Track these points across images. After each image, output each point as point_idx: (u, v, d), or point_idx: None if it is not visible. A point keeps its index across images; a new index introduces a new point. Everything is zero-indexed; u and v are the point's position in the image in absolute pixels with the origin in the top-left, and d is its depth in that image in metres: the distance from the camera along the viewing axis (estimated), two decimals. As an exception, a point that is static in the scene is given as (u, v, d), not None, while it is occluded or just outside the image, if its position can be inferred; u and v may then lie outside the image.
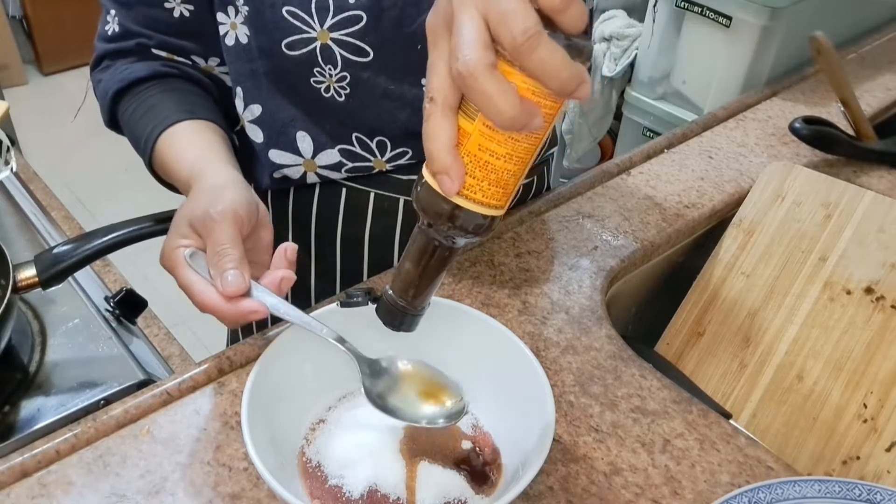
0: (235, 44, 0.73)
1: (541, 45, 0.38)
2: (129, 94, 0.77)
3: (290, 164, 0.78)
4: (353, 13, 0.68)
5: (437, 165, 0.43)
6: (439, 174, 0.43)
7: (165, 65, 0.77)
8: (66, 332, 0.78)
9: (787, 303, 0.78)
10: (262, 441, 0.54)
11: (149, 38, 0.76)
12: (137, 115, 0.75)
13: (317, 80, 0.73)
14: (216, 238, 0.59)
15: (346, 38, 0.70)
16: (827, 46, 0.94)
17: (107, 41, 0.78)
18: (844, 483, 0.56)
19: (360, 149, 0.77)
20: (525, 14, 0.38)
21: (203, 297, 0.58)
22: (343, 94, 0.73)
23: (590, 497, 0.59)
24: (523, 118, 0.40)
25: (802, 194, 0.84)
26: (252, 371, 0.57)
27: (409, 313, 0.53)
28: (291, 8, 0.69)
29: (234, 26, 0.73)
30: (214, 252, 0.59)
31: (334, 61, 0.71)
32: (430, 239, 0.48)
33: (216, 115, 0.76)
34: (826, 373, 0.74)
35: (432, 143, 0.42)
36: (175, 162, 0.70)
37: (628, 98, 1.53)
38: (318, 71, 0.72)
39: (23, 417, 0.70)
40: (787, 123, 0.99)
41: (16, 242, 0.91)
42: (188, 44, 0.77)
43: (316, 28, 0.69)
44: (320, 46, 0.70)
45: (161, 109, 0.73)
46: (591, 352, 0.71)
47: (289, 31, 0.69)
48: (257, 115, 0.77)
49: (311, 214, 0.83)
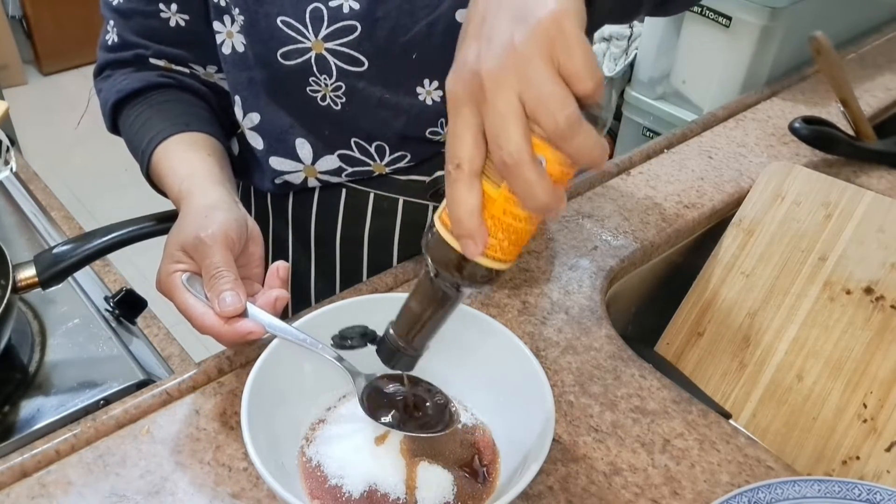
0: (232, 52, 0.74)
1: (581, 130, 0.39)
2: (127, 105, 0.78)
3: (291, 171, 0.79)
4: (347, 23, 0.69)
5: (462, 230, 0.43)
6: (464, 238, 0.44)
7: (162, 75, 0.78)
8: (65, 332, 0.78)
9: (786, 303, 0.78)
10: (262, 441, 0.54)
11: (146, 49, 0.76)
12: (135, 127, 0.76)
13: (312, 90, 0.73)
14: (210, 262, 0.61)
15: (340, 48, 0.70)
16: (827, 46, 0.94)
17: (107, 51, 0.79)
18: (844, 483, 0.56)
19: (360, 153, 0.77)
20: (566, 99, 0.39)
21: (202, 320, 0.60)
22: (339, 103, 0.73)
23: (590, 497, 0.59)
24: (554, 204, 0.41)
25: (802, 194, 0.84)
26: (252, 371, 0.57)
27: (408, 354, 0.54)
28: (286, 18, 0.69)
29: (230, 35, 0.73)
30: (210, 275, 0.61)
31: (329, 71, 0.71)
32: (438, 287, 0.49)
33: (212, 125, 0.77)
34: (826, 373, 0.74)
35: (459, 208, 0.43)
36: (166, 178, 0.71)
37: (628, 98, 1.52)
38: (314, 80, 0.72)
39: (22, 417, 0.70)
40: (787, 123, 0.99)
41: (16, 242, 0.90)
42: (185, 53, 0.77)
43: (311, 38, 0.69)
44: (315, 56, 0.70)
45: (156, 123, 0.74)
46: (591, 352, 0.71)
47: (283, 41, 0.70)
48: (256, 123, 0.77)
49: (311, 215, 0.83)
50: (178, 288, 0.62)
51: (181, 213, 0.66)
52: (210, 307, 0.60)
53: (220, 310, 0.59)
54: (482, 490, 0.57)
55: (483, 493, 0.57)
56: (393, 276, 0.79)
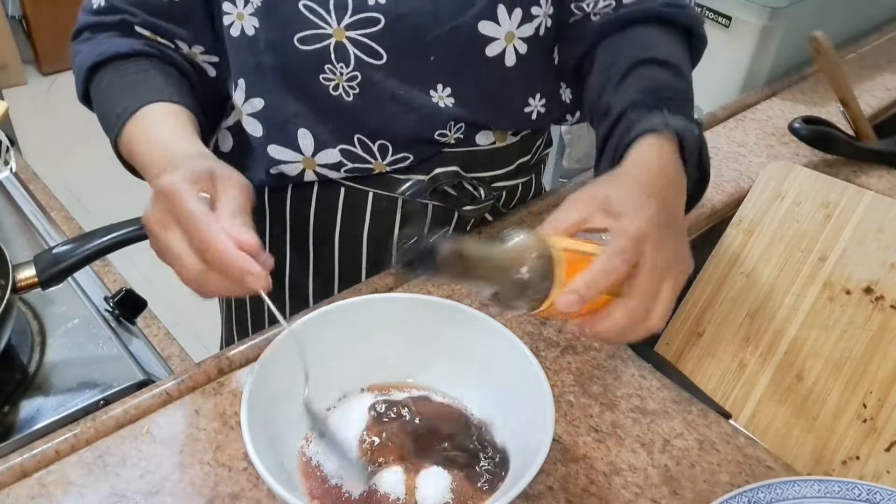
0: (241, 35, 0.73)
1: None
2: (107, 67, 0.74)
3: (289, 161, 0.78)
4: (371, 15, 0.69)
5: (580, 297, 0.51)
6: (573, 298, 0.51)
7: (147, 44, 0.75)
8: (65, 333, 0.78)
9: (786, 303, 0.78)
10: (262, 441, 0.54)
11: (133, 16, 0.74)
12: (114, 88, 0.72)
13: (326, 77, 0.72)
14: (231, 195, 0.56)
15: (361, 39, 0.70)
16: (827, 46, 0.94)
17: (91, 13, 0.76)
18: (844, 483, 0.56)
19: (362, 150, 0.77)
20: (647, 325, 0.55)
21: (211, 233, 0.53)
22: (351, 94, 0.73)
23: (589, 497, 0.59)
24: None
25: (802, 194, 0.84)
26: (252, 371, 0.57)
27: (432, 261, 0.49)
28: (308, 2, 0.69)
29: (240, 17, 0.72)
30: (230, 209, 0.55)
31: (347, 60, 0.71)
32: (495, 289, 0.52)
33: (192, 102, 0.73)
34: (826, 373, 0.74)
35: (590, 292, 0.52)
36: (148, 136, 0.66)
37: (628, 98, 1.52)
38: (329, 68, 0.71)
39: (22, 418, 0.70)
40: (787, 123, 0.99)
41: (15, 242, 0.90)
42: (175, 28, 0.75)
43: (333, 25, 0.69)
44: (335, 44, 0.70)
45: (140, 88, 0.71)
46: (591, 352, 0.71)
47: (303, 25, 0.69)
48: (258, 109, 0.76)
49: (309, 214, 0.83)
50: (190, 195, 0.55)
51: (180, 154, 0.61)
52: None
53: (239, 236, 0.54)
54: (482, 490, 0.57)
55: (483, 493, 0.57)
56: (393, 276, 0.79)
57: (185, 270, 0.56)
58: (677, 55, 0.72)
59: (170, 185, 0.55)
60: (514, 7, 0.71)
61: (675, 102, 0.66)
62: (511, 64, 0.74)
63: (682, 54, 0.73)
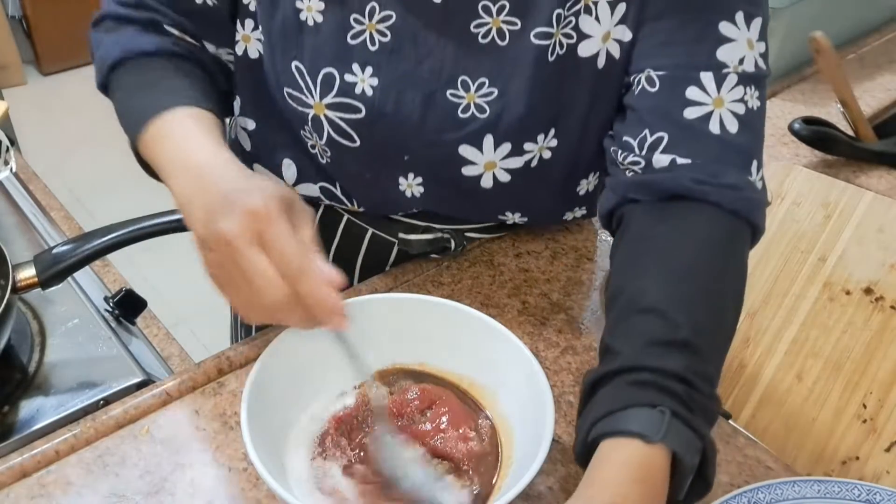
0: (244, 55, 0.72)
1: None
2: (131, 64, 0.71)
3: None
4: (353, 103, 0.67)
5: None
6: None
7: (176, 44, 0.72)
8: (65, 333, 0.78)
9: (786, 303, 0.78)
10: (262, 441, 0.54)
11: (164, 16, 0.72)
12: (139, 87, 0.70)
13: (305, 135, 0.73)
14: (307, 234, 0.55)
15: (338, 121, 0.69)
16: (827, 46, 0.94)
17: (118, 4, 0.73)
18: (843, 483, 0.56)
19: (341, 193, 0.77)
20: None
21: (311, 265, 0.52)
22: (325, 158, 0.73)
23: (589, 497, 0.59)
24: None
25: (802, 194, 0.84)
26: (251, 371, 0.57)
27: None
28: (299, 64, 0.68)
29: (246, 39, 0.71)
30: (308, 248, 0.54)
31: (321, 133, 0.70)
32: None
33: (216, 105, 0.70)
34: (825, 373, 0.74)
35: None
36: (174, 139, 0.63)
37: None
38: (308, 129, 0.71)
39: (22, 418, 0.70)
40: (787, 124, 0.99)
41: (15, 242, 0.90)
42: (204, 30, 0.73)
43: (315, 98, 0.68)
44: (312, 115, 0.69)
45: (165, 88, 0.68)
46: (591, 352, 0.71)
47: (290, 83, 0.69)
48: (250, 129, 0.76)
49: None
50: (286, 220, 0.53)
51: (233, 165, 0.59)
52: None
53: (330, 275, 0.53)
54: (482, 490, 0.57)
55: (483, 494, 0.57)
56: (393, 276, 0.79)
57: (268, 293, 0.52)
58: (710, 298, 0.56)
59: (264, 209, 0.52)
60: (503, 141, 0.68)
61: (681, 398, 0.50)
62: (487, 187, 0.72)
63: (718, 285, 0.57)
